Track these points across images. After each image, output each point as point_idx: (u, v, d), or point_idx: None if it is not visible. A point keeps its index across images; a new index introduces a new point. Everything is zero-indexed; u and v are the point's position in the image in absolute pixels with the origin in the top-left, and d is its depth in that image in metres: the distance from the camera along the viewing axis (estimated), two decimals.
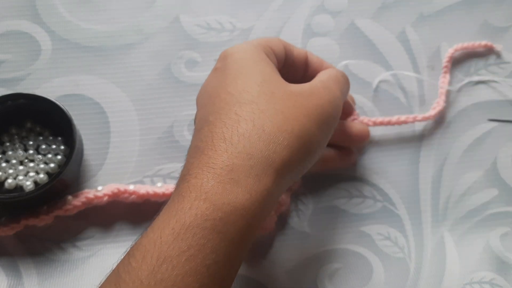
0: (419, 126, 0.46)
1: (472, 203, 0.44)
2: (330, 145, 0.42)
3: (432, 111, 0.45)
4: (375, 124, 0.44)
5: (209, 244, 0.27)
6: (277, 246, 0.41)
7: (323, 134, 0.33)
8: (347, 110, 0.43)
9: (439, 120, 0.46)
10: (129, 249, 0.29)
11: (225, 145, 0.30)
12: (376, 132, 0.45)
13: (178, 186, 0.30)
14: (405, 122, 0.45)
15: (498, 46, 0.49)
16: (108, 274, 0.28)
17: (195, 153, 0.31)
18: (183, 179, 0.30)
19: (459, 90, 0.47)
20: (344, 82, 0.38)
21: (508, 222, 0.44)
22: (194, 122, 0.34)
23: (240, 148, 0.30)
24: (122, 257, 0.29)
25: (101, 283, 0.28)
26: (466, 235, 0.43)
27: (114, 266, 0.28)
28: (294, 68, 0.39)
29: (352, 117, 0.44)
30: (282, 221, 0.42)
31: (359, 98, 0.46)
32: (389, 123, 0.44)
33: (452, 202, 0.44)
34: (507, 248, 0.43)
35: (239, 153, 0.30)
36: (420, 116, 0.45)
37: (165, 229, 0.28)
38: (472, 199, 0.44)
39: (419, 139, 0.46)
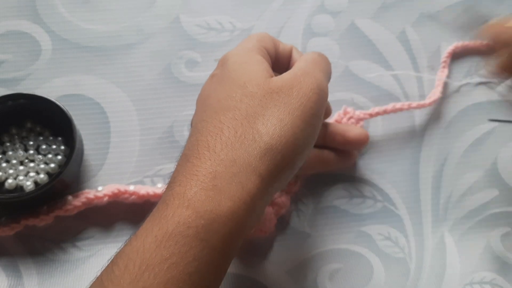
0: (419, 127, 0.46)
1: (473, 203, 0.44)
2: (329, 147, 0.42)
3: (428, 100, 0.45)
4: (371, 115, 0.44)
5: (192, 252, 0.27)
6: (277, 246, 0.41)
7: (310, 126, 0.32)
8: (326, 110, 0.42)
9: (439, 120, 0.46)
10: (113, 257, 0.29)
11: (208, 153, 0.30)
12: (376, 132, 0.45)
13: (164, 193, 0.31)
14: (400, 109, 0.44)
15: None
16: (92, 282, 0.28)
17: (182, 160, 0.31)
18: (168, 186, 0.30)
19: (459, 90, 0.47)
20: (323, 61, 0.36)
21: (509, 222, 0.44)
22: (191, 125, 0.35)
23: (223, 156, 0.30)
24: (106, 264, 0.29)
25: None
26: (466, 235, 0.43)
27: (98, 274, 0.28)
28: (278, 63, 0.38)
29: (348, 115, 0.44)
30: (283, 221, 0.42)
31: (359, 98, 0.46)
32: (385, 112, 0.44)
33: (453, 202, 0.44)
34: (508, 248, 0.43)
35: (222, 160, 0.29)
36: (415, 104, 0.45)
37: (147, 237, 0.28)
38: (472, 199, 0.44)
39: (419, 139, 0.46)
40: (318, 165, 0.41)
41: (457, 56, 0.48)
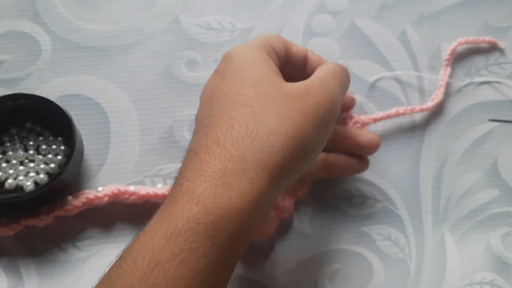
0: (420, 126, 0.46)
1: (473, 203, 0.44)
2: (340, 151, 0.41)
3: (430, 103, 0.46)
4: (375, 120, 0.44)
5: (201, 249, 0.27)
6: (277, 247, 0.41)
7: (320, 132, 0.33)
8: (348, 103, 0.42)
9: (440, 120, 0.46)
10: (121, 253, 0.28)
11: (218, 148, 0.30)
12: (376, 132, 0.45)
13: (172, 189, 0.30)
14: (403, 114, 0.45)
15: (502, 44, 0.49)
16: (100, 278, 0.28)
17: (190, 155, 0.31)
18: (176, 182, 0.30)
19: (460, 90, 0.48)
20: (343, 75, 0.37)
21: (509, 222, 0.44)
22: (195, 120, 0.35)
23: (233, 152, 0.29)
24: (114, 261, 0.28)
25: (93, 287, 0.28)
26: (466, 235, 0.43)
27: (106, 270, 0.28)
28: (292, 65, 0.38)
29: (354, 120, 0.44)
30: (283, 222, 0.42)
31: (360, 98, 0.46)
32: (388, 117, 0.44)
33: (453, 202, 0.44)
34: (508, 248, 0.43)
35: (232, 156, 0.29)
36: (418, 108, 0.45)
37: (157, 233, 0.27)
38: (472, 199, 0.44)
39: (419, 139, 0.46)
40: (328, 171, 0.41)
41: (458, 54, 0.48)
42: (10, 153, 0.40)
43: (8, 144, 0.41)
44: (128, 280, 0.26)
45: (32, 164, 0.40)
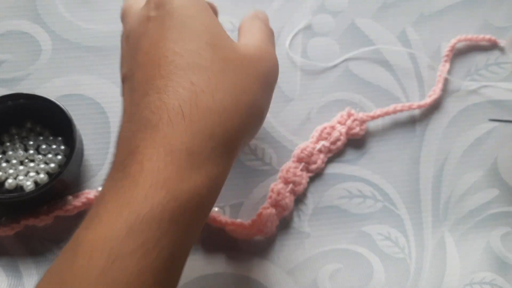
0: (420, 126, 0.46)
1: (473, 203, 0.44)
2: None
3: (428, 99, 0.46)
4: (373, 118, 0.44)
5: (167, 236, 0.25)
6: (277, 246, 0.41)
7: (270, 97, 0.33)
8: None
9: (440, 120, 0.46)
10: (68, 243, 0.25)
11: (184, 122, 0.26)
12: (376, 132, 0.45)
13: (126, 164, 0.26)
14: (401, 110, 0.45)
15: (501, 42, 0.49)
16: (46, 274, 0.25)
17: (146, 126, 0.27)
18: (133, 157, 0.26)
19: (459, 89, 0.47)
20: (272, 34, 0.36)
21: (509, 222, 0.44)
22: (124, 79, 0.31)
23: (201, 127, 0.27)
24: (60, 253, 0.26)
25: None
26: (466, 235, 0.43)
27: (53, 262, 0.25)
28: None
29: (353, 118, 0.44)
30: (283, 222, 0.42)
31: (359, 98, 0.46)
32: (386, 114, 0.45)
33: (453, 202, 0.44)
34: (508, 248, 0.43)
35: (199, 133, 0.27)
36: (415, 104, 0.45)
37: (116, 221, 0.24)
38: (472, 199, 0.44)
39: (419, 139, 0.46)
40: None
41: (458, 53, 0.48)
42: (10, 153, 0.40)
43: (8, 144, 0.41)
44: (84, 277, 0.23)
45: (32, 164, 0.40)
